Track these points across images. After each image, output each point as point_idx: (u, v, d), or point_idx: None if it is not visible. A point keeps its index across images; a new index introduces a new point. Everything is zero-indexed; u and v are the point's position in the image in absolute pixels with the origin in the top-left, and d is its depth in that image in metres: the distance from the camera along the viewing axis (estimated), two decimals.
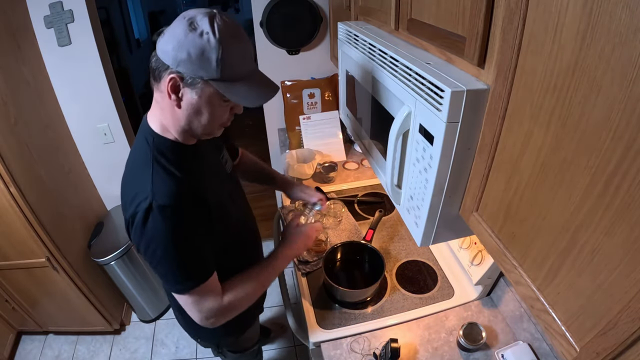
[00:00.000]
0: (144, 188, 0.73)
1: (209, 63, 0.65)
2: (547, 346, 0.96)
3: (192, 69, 0.66)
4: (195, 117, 0.73)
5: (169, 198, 0.72)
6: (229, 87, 0.68)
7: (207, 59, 0.65)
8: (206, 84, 0.68)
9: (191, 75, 0.67)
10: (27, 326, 1.97)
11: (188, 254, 0.78)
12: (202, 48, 0.64)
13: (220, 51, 0.64)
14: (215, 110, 0.73)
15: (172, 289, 0.81)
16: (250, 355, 1.33)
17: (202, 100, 0.70)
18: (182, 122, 0.75)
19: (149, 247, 0.75)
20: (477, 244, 1.15)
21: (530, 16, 0.44)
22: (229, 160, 1.04)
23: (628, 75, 0.32)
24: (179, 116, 0.74)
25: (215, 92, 0.69)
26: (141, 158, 0.78)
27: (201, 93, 0.69)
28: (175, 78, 0.67)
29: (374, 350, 1.04)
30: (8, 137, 1.39)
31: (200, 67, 0.65)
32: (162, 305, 2.16)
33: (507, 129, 0.53)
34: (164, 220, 0.72)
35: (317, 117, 1.92)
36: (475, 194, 0.63)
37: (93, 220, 1.98)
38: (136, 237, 0.75)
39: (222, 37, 0.65)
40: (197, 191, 0.79)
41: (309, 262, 1.30)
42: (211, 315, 0.83)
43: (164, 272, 0.79)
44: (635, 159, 0.33)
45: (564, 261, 0.45)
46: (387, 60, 0.78)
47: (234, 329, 1.14)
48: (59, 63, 1.65)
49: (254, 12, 1.78)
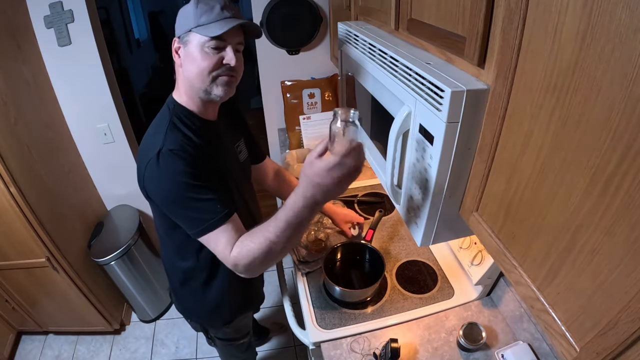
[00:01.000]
0: (156, 142, 0.80)
1: (188, 16, 0.81)
2: (547, 346, 0.96)
3: (180, 27, 0.83)
4: (190, 69, 0.83)
5: (177, 145, 0.80)
6: (204, 28, 0.80)
7: (187, 14, 0.82)
8: (190, 34, 0.81)
9: (182, 32, 0.82)
10: (27, 326, 1.97)
11: (205, 190, 0.81)
12: (186, 10, 0.82)
13: (194, 4, 0.80)
14: (202, 58, 0.81)
15: (197, 229, 0.82)
16: (238, 347, 1.33)
17: (190, 49, 0.82)
18: (187, 84, 0.85)
19: (165, 190, 0.81)
20: (477, 244, 1.15)
21: (530, 16, 0.44)
22: (244, 151, 1.08)
23: (628, 75, 0.32)
24: (184, 78, 0.85)
25: (197, 37, 0.80)
26: (160, 122, 0.86)
27: (189, 43, 0.82)
28: (175, 40, 0.84)
29: (374, 350, 1.04)
30: (8, 137, 1.39)
31: (184, 22, 0.82)
32: (162, 305, 2.16)
33: (507, 129, 0.53)
34: (175, 160, 0.78)
35: (317, 117, 1.92)
36: (475, 194, 0.63)
37: (93, 220, 1.98)
38: (152, 184, 0.81)
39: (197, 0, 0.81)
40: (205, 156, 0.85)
41: (309, 262, 1.30)
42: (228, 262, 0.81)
43: (182, 213, 0.82)
44: (635, 159, 0.33)
45: (564, 261, 0.45)
46: (387, 60, 0.78)
47: (221, 316, 1.16)
48: (59, 63, 1.65)
49: (254, 12, 1.78)
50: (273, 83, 1.99)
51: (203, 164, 0.82)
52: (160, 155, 0.78)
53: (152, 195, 0.84)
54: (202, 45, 0.80)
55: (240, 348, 1.35)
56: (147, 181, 0.82)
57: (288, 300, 1.28)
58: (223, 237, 0.81)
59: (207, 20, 0.80)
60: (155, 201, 0.85)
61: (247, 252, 0.79)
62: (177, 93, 0.89)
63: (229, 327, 1.21)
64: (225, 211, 0.81)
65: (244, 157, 1.08)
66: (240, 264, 0.80)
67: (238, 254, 0.80)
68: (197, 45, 0.80)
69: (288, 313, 1.22)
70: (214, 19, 0.80)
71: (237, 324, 1.24)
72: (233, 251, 0.80)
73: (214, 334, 1.24)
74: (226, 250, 0.81)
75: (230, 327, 1.22)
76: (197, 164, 0.80)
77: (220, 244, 0.81)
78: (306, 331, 1.12)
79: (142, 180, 0.83)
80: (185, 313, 1.20)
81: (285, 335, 2.00)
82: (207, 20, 0.80)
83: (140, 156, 0.84)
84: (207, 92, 0.84)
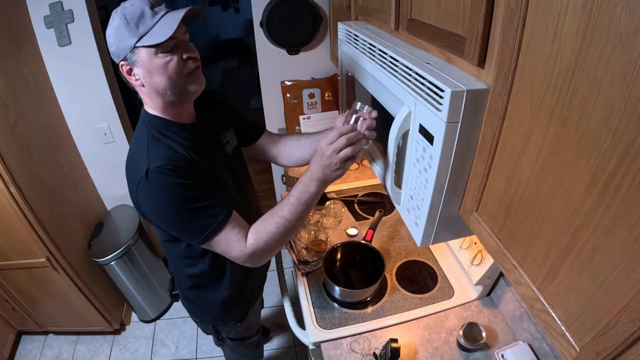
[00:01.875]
0: (140, 159, 0.79)
1: (123, 36, 0.74)
2: (547, 346, 0.96)
3: (121, 50, 0.76)
4: (154, 83, 0.78)
5: (163, 159, 0.78)
6: (148, 38, 0.74)
7: (120, 34, 0.74)
8: (136, 50, 0.75)
9: (125, 53, 0.75)
10: (27, 326, 1.97)
11: (200, 198, 0.81)
12: (115, 30, 0.75)
13: (123, 20, 0.73)
14: (162, 66, 0.76)
15: (196, 242, 0.83)
16: (249, 345, 1.34)
17: (145, 65, 0.76)
18: (154, 96, 0.81)
19: (162, 209, 0.80)
20: (477, 244, 1.15)
21: (530, 16, 0.44)
22: (232, 141, 1.04)
23: (628, 75, 0.32)
24: (149, 92, 0.81)
25: (145, 50, 0.75)
26: (139, 137, 0.84)
27: (139, 58, 0.76)
28: (122, 64, 0.77)
29: (374, 350, 1.04)
30: (8, 137, 1.39)
31: (122, 44, 0.75)
32: (162, 305, 2.16)
33: (507, 129, 0.53)
34: (164, 176, 0.77)
35: (317, 117, 1.92)
36: (475, 194, 0.63)
37: (93, 220, 1.98)
38: (147, 205, 0.81)
39: (120, 11, 0.74)
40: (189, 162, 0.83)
41: (309, 262, 1.30)
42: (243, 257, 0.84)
43: (183, 226, 0.83)
44: (635, 159, 0.33)
45: (564, 261, 0.45)
46: (387, 60, 0.78)
47: (232, 315, 1.16)
48: (59, 63, 1.65)
49: (254, 12, 1.78)
50: (273, 83, 1.99)
51: (191, 171, 0.81)
52: (148, 174, 0.76)
53: (149, 215, 0.83)
54: (154, 55, 0.75)
55: (250, 347, 1.35)
56: (141, 203, 0.81)
57: (288, 300, 1.28)
58: (232, 235, 0.83)
59: (146, 28, 0.74)
60: (154, 220, 0.85)
61: (265, 234, 0.84)
62: (147, 107, 0.86)
63: (242, 325, 1.21)
64: (225, 211, 0.82)
65: (232, 147, 1.04)
66: (258, 249, 0.84)
67: (256, 240, 0.84)
68: (150, 57, 0.75)
69: (288, 313, 1.22)
70: (153, 23, 0.74)
71: (249, 322, 1.24)
72: (249, 240, 0.84)
73: (226, 334, 1.24)
74: (240, 244, 0.83)
75: (243, 325, 1.22)
76: (186, 173, 0.79)
77: (232, 241, 0.83)
78: (306, 331, 1.12)
79: (136, 202, 0.82)
80: (197, 316, 1.19)
81: (285, 335, 2.00)
82: (146, 28, 0.74)
83: (129, 176, 0.82)
84: (182, 92, 0.81)
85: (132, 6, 0.74)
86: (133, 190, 0.80)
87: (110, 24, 0.75)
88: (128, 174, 0.83)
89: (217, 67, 5.45)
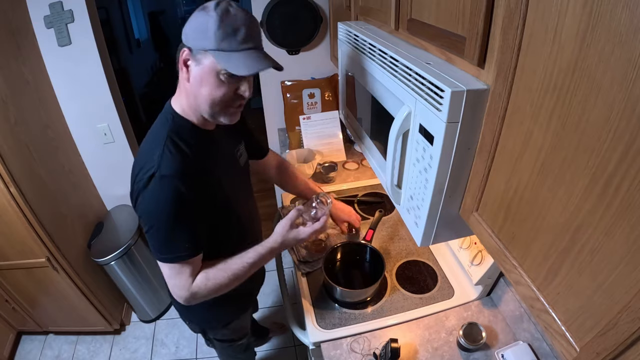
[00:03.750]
0: (151, 160, 0.78)
1: (207, 34, 0.71)
2: (547, 346, 0.96)
3: (196, 41, 0.73)
4: (199, 90, 0.77)
5: (172, 170, 0.77)
6: (225, 57, 0.73)
7: (206, 30, 0.71)
8: (207, 55, 0.73)
9: (196, 47, 0.74)
10: (27, 326, 1.97)
11: (179, 227, 0.81)
12: (204, 21, 0.72)
13: (217, 23, 0.70)
14: (216, 85, 0.76)
15: (156, 255, 0.84)
16: (237, 348, 1.33)
17: (204, 71, 0.75)
18: (191, 98, 0.80)
19: (145, 213, 0.80)
20: (477, 244, 1.15)
21: (530, 16, 0.44)
22: (244, 154, 1.07)
23: (628, 75, 0.32)
24: (189, 92, 0.80)
25: (214, 63, 0.73)
26: (157, 134, 0.83)
27: (203, 63, 0.74)
28: (186, 51, 0.75)
29: (374, 350, 1.04)
30: (8, 137, 1.39)
31: (202, 37, 0.72)
32: (162, 305, 2.16)
33: (507, 129, 0.53)
34: (163, 190, 0.77)
35: (317, 117, 1.92)
36: (475, 194, 0.63)
37: (93, 220, 1.98)
38: (141, 203, 0.80)
39: (222, 13, 0.71)
40: (203, 172, 0.84)
41: (309, 262, 1.30)
42: (184, 292, 0.87)
43: (154, 239, 0.82)
44: (635, 159, 0.33)
45: (564, 261, 0.45)
46: (387, 60, 0.78)
47: (220, 317, 1.16)
48: (59, 63, 1.65)
49: (254, 12, 1.78)
50: (273, 83, 1.99)
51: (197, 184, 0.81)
52: (153, 179, 0.76)
53: (139, 213, 0.83)
54: (218, 72, 0.74)
55: (238, 349, 1.35)
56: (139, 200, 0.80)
57: (288, 300, 1.28)
58: (187, 270, 0.85)
59: (229, 47, 0.72)
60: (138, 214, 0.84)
61: (212, 284, 0.87)
62: (177, 102, 0.84)
63: (228, 328, 1.21)
64: (195, 250, 0.85)
65: (244, 160, 1.07)
66: (200, 293, 0.87)
67: (204, 285, 0.86)
68: (212, 70, 0.74)
69: (288, 313, 1.22)
70: (236, 48, 0.72)
71: (236, 326, 1.24)
72: (197, 280, 0.86)
73: (213, 336, 1.25)
74: (187, 282, 0.85)
75: (229, 329, 1.22)
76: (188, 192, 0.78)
77: (183, 275, 0.85)
78: (306, 331, 1.12)
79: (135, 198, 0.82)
80: (184, 316, 1.20)
81: (285, 335, 2.00)
82: (229, 48, 0.72)
83: (136, 168, 0.81)
84: (214, 117, 0.81)
85: (234, 16, 0.72)
86: (134, 185, 0.81)
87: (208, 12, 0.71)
88: (135, 167, 0.82)
89: None
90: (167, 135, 0.80)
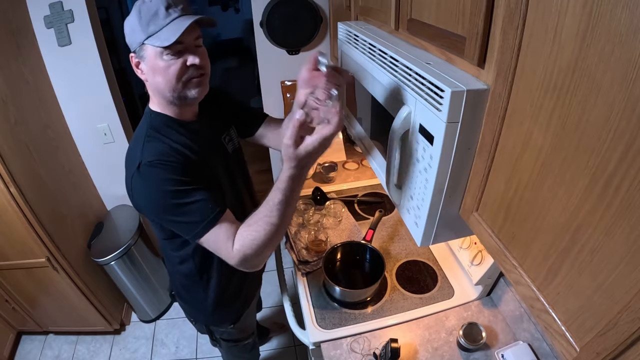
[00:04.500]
0: (136, 154, 0.81)
1: (135, 29, 0.78)
2: (547, 346, 0.96)
3: (132, 41, 0.79)
4: (156, 80, 0.81)
5: (156, 154, 0.80)
6: (156, 38, 0.77)
7: (133, 27, 0.78)
8: (145, 47, 0.78)
9: (135, 46, 0.79)
10: (27, 326, 1.97)
11: (192, 193, 0.79)
12: (130, 22, 0.79)
13: (137, 15, 0.77)
14: (165, 67, 0.79)
15: (193, 232, 0.81)
16: (243, 347, 1.33)
17: (150, 61, 0.79)
18: (156, 92, 0.84)
19: (153, 201, 0.81)
20: (477, 244, 1.15)
21: (530, 16, 0.44)
22: (233, 140, 1.06)
23: (628, 75, 0.32)
24: (152, 87, 0.84)
25: (152, 48, 0.78)
26: (138, 135, 0.86)
27: (146, 55, 0.79)
28: (132, 56, 0.82)
29: (374, 350, 1.04)
30: (8, 137, 1.39)
31: (134, 37, 0.78)
32: (162, 305, 2.16)
33: (507, 129, 0.53)
34: (153, 172, 0.79)
35: None
36: (475, 194, 0.63)
37: (93, 220, 1.98)
38: (139, 198, 0.82)
39: (138, 6, 0.77)
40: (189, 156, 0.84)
41: (309, 262, 1.30)
42: (232, 259, 0.81)
43: (174, 220, 0.81)
44: (635, 159, 0.33)
45: (564, 261, 0.45)
46: (387, 60, 0.78)
47: (225, 315, 1.16)
48: (59, 63, 1.65)
49: (254, 12, 1.78)
50: (273, 83, 1.99)
51: (185, 167, 0.81)
52: (140, 168, 0.78)
53: (141, 208, 0.84)
54: (159, 55, 0.77)
55: (245, 349, 1.35)
56: (135, 195, 0.82)
57: (288, 300, 1.28)
58: (221, 234, 0.80)
59: (156, 27, 0.76)
60: (146, 213, 0.86)
61: (250, 240, 0.79)
62: (152, 103, 0.89)
63: (235, 327, 1.21)
64: (217, 210, 0.80)
65: (233, 147, 1.05)
66: (246, 254, 0.79)
67: (241, 245, 0.79)
68: (155, 56, 0.78)
69: (288, 313, 1.22)
70: (163, 24, 0.76)
71: (243, 323, 1.23)
72: (235, 244, 0.80)
73: (219, 335, 1.24)
74: (228, 245, 0.80)
75: (236, 327, 1.22)
76: (179, 169, 0.79)
77: (220, 241, 0.80)
78: (306, 331, 1.12)
79: (130, 195, 0.83)
80: (191, 316, 1.20)
81: (285, 335, 2.00)
82: (156, 28, 0.76)
83: (126, 169, 0.84)
84: (181, 97, 0.83)
85: (150, 2, 0.76)
86: (128, 184, 0.82)
87: (130, 14, 0.78)
88: (125, 167, 0.85)
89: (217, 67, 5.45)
90: (145, 132, 0.84)
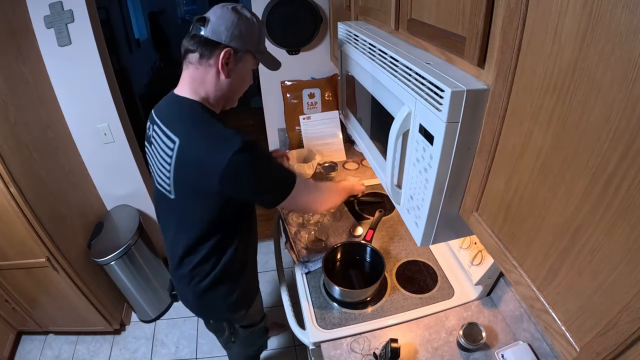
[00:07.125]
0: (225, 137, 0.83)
1: (253, 38, 0.89)
2: (547, 346, 0.96)
3: (242, 43, 0.88)
4: (240, 84, 0.94)
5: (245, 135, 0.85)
6: (260, 57, 0.94)
7: (253, 35, 0.89)
8: (250, 55, 0.91)
9: (241, 49, 0.88)
10: (27, 326, 1.97)
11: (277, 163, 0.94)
12: (251, 27, 0.88)
13: (259, 30, 0.90)
14: (249, 79, 0.96)
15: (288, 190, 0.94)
16: (259, 331, 1.36)
17: (246, 67, 0.92)
18: (225, 90, 0.92)
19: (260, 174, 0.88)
20: (477, 244, 1.15)
21: (530, 16, 0.44)
22: None
23: (628, 75, 0.32)
24: (223, 85, 0.91)
25: (252, 60, 0.92)
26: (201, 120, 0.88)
27: (245, 60, 0.90)
28: (230, 51, 0.87)
29: (374, 350, 1.04)
30: (8, 137, 1.39)
31: (248, 41, 0.88)
32: (162, 305, 2.16)
33: (507, 129, 0.53)
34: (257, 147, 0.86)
35: (317, 117, 1.92)
36: (475, 194, 0.63)
37: (93, 220, 1.98)
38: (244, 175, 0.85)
39: (258, 21, 0.90)
40: None
41: (309, 262, 1.30)
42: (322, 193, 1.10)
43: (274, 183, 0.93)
44: (635, 159, 0.33)
45: (564, 261, 0.45)
46: (387, 60, 0.78)
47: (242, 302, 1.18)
48: (59, 63, 1.65)
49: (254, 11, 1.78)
50: (273, 83, 1.99)
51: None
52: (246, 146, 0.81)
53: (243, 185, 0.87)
54: (251, 67, 0.93)
55: (257, 334, 1.38)
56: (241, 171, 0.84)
57: (288, 300, 1.28)
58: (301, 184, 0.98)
59: (263, 49, 0.93)
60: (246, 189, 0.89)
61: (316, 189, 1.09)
62: (197, 96, 0.90)
63: (251, 309, 1.23)
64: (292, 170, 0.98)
65: None
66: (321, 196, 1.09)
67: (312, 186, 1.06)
68: (250, 67, 0.92)
69: (288, 313, 1.22)
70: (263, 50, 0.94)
71: (256, 306, 1.27)
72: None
73: (238, 323, 1.25)
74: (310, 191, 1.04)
75: (252, 309, 1.24)
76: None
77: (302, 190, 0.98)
78: (306, 331, 1.12)
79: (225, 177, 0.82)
80: (210, 314, 1.20)
81: (285, 335, 2.00)
82: (263, 50, 0.93)
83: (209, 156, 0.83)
84: (234, 102, 0.98)
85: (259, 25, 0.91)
86: (222, 165, 0.81)
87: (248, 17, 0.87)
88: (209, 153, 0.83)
89: None
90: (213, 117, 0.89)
